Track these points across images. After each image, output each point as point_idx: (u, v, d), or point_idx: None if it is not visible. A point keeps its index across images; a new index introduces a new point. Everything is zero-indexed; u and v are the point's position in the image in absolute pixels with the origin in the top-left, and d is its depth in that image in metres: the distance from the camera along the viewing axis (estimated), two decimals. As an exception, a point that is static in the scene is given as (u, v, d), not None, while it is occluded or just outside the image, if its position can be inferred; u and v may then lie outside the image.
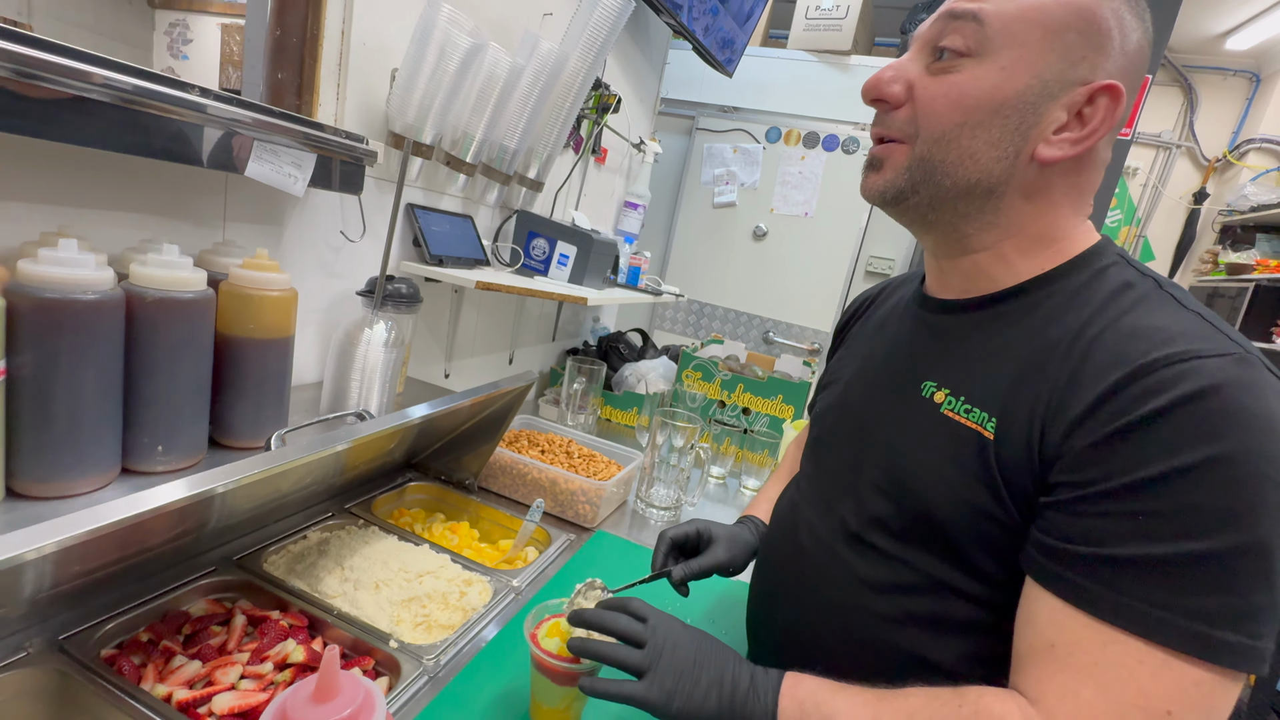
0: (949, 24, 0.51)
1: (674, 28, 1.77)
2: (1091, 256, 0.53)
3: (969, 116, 0.50)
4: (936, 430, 0.54)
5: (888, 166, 0.55)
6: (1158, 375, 0.41)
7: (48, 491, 0.55)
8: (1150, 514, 0.41)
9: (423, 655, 0.68)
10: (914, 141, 0.53)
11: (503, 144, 1.19)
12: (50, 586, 0.60)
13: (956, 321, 0.58)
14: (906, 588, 0.55)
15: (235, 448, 0.71)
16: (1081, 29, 0.48)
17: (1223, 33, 3.23)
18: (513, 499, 1.11)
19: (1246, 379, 0.40)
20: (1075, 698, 0.42)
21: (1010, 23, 0.49)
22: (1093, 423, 0.43)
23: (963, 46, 0.50)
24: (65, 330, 0.52)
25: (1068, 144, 0.49)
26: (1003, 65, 0.49)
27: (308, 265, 0.96)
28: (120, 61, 0.58)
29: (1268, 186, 3.26)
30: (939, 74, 0.52)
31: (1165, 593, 0.40)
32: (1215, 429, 0.39)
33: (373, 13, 0.94)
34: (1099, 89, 0.48)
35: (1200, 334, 0.43)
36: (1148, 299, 0.48)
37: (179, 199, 0.76)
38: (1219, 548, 0.39)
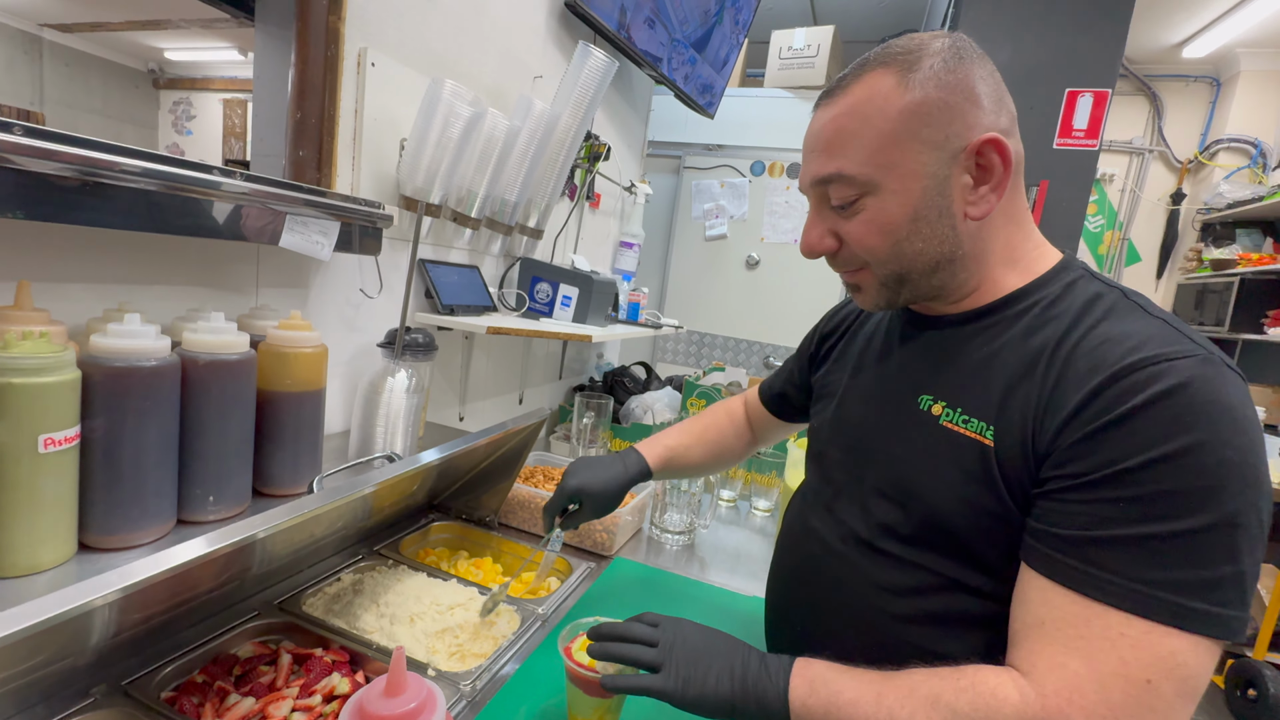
0: (825, 188, 0.58)
1: (655, 78, 1.90)
2: (1060, 271, 0.59)
3: (897, 233, 0.56)
4: (938, 441, 0.58)
5: (866, 289, 0.62)
6: (1132, 378, 0.46)
7: (115, 543, 0.60)
8: (1130, 499, 0.45)
9: (459, 681, 0.72)
10: (871, 266, 0.60)
11: (504, 198, 1.27)
12: (113, 634, 0.64)
13: (945, 336, 0.62)
14: (921, 589, 0.58)
15: (276, 495, 0.76)
16: (925, 119, 0.53)
17: (1179, 43, 3.39)
18: (532, 532, 1.15)
19: (1210, 375, 0.45)
20: (1063, 669, 0.46)
21: (871, 159, 0.55)
22: (1078, 422, 0.48)
23: (851, 195, 0.57)
24: (131, 395, 0.59)
25: (990, 196, 0.55)
26: (893, 189, 0.55)
27: (331, 322, 1.03)
28: (171, 156, 0.66)
29: (1240, 183, 3.36)
30: (851, 217, 0.58)
31: (1142, 568, 0.44)
32: (1185, 421, 0.44)
33: (383, 92, 1.03)
34: (978, 145, 0.53)
35: (1166, 338, 0.48)
36: (1116, 308, 0.53)
37: (218, 270, 0.83)
38: (1190, 526, 0.43)
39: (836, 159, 0.56)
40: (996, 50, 2.30)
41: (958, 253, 0.57)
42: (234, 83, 4.82)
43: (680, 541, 1.23)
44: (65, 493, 0.56)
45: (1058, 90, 2.27)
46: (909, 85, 0.53)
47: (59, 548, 0.57)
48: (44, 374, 0.52)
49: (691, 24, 1.87)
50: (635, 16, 1.61)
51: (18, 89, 4.48)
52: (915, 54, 0.54)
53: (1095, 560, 0.46)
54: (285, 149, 0.95)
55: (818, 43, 2.67)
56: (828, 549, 0.67)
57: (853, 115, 0.55)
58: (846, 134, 0.56)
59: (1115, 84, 2.27)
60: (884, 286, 0.60)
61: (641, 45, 1.67)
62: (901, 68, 0.54)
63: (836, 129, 0.56)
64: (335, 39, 0.93)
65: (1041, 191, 2.33)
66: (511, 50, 1.37)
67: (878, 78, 0.55)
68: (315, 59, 0.92)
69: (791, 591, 0.72)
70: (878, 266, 0.59)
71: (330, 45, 0.93)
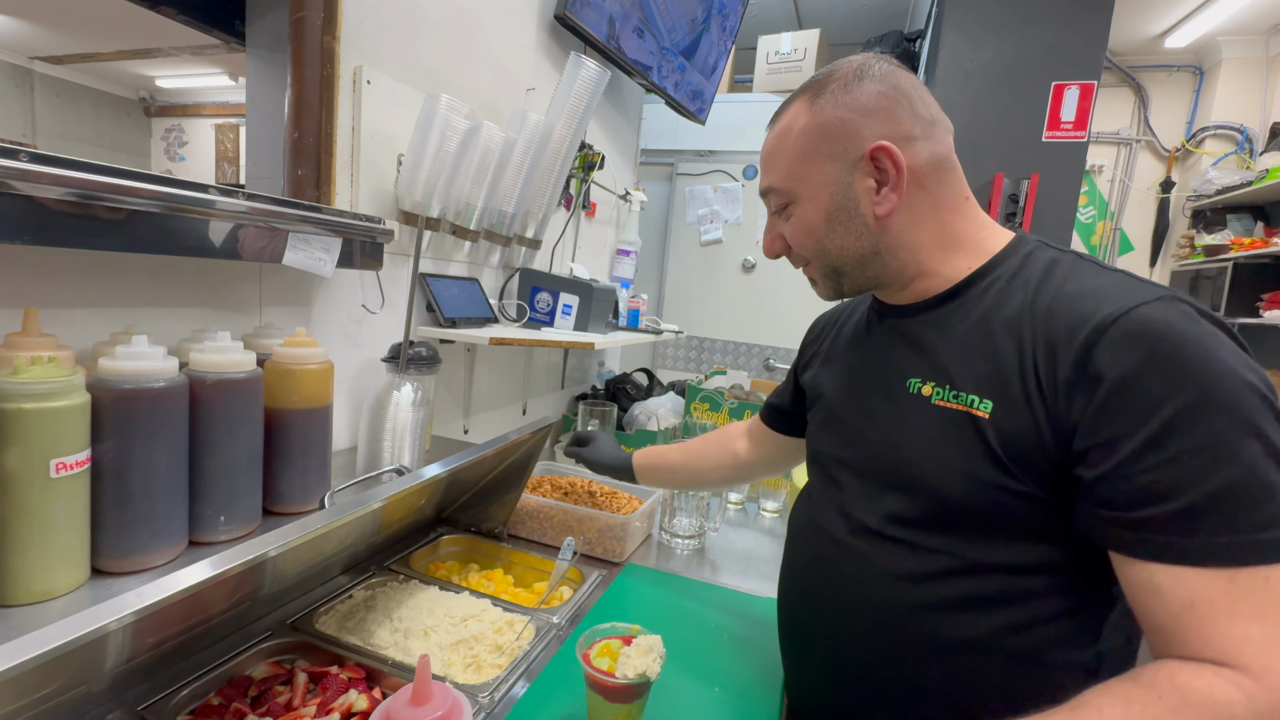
0: (765, 198, 0.70)
1: (646, 87, 1.91)
2: (1016, 245, 0.63)
3: (818, 231, 0.65)
4: (932, 420, 0.60)
5: (817, 280, 0.71)
6: (1116, 328, 0.49)
7: (128, 567, 0.60)
8: (1189, 451, 0.46)
9: (477, 693, 0.71)
10: (812, 263, 0.69)
11: (502, 209, 1.28)
12: (129, 658, 0.64)
13: (920, 322, 0.65)
14: (937, 574, 0.59)
15: (287, 513, 0.76)
16: (826, 136, 0.62)
17: (1160, 33, 3.43)
18: (542, 542, 1.14)
19: (1178, 311, 0.49)
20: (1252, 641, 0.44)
21: (789, 173, 0.65)
22: (1086, 386, 0.50)
23: (782, 203, 0.68)
24: (141, 416, 0.59)
25: (891, 196, 0.62)
26: (808, 196, 0.65)
27: (335, 339, 1.03)
28: (174, 178, 0.66)
29: (1229, 169, 3.39)
30: (786, 220, 0.68)
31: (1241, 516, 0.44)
32: (1185, 366, 0.47)
33: (379, 109, 1.04)
34: (869, 153, 0.61)
35: (1128, 288, 0.52)
36: (1075, 269, 0.58)
37: (221, 291, 0.83)
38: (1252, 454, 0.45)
39: (768, 175, 0.68)
40: (981, 47, 2.33)
41: (880, 245, 0.64)
42: (225, 108, 4.86)
43: (690, 546, 1.23)
44: (77, 517, 0.56)
45: (1044, 84, 2.29)
46: (812, 110, 0.63)
47: (72, 573, 0.56)
48: (54, 398, 0.52)
49: (680, 32, 1.89)
50: (624, 26, 1.62)
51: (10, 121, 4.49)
52: (823, 82, 0.64)
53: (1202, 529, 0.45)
54: (283, 168, 0.96)
55: (804, 46, 2.70)
56: (838, 544, 0.67)
57: (778, 138, 0.67)
58: (773, 154, 0.67)
59: (1100, 76, 2.29)
60: (825, 278, 0.69)
61: (631, 55, 1.69)
62: (811, 95, 0.64)
63: (769, 150, 0.68)
64: (330, 58, 0.94)
65: (1032, 185, 2.35)
66: (504, 64, 1.38)
67: (796, 105, 0.65)
68: (311, 78, 0.93)
69: (805, 592, 0.72)
70: (814, 260, 0.68)
71: (326, 65, 0.94)
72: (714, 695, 0.77)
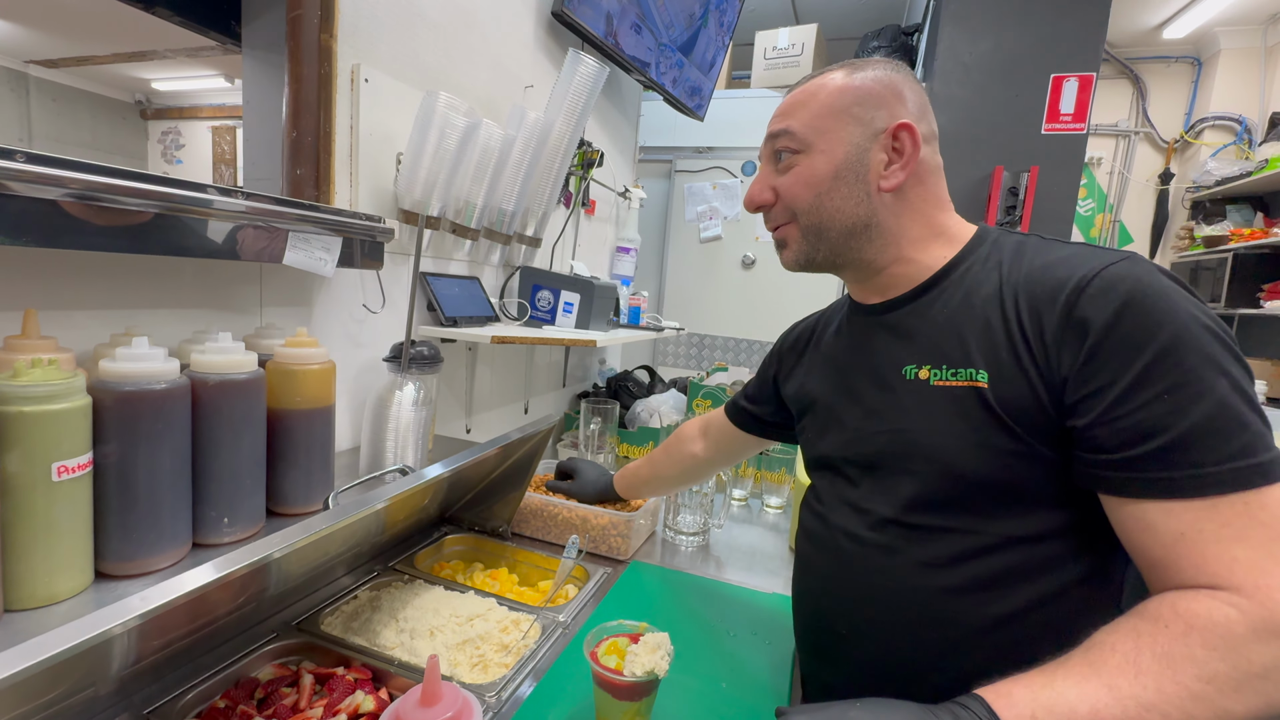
0: (775, 141, 0.69)
1: (644, 83, 1.91)
2: (983, 235, 0.67)
3: (819, 187, 0.66)
4: (936, 401, 0.61)
5: (790, 242, 0.71)
6: (1092, 286, 0.53)
7: (132, 570, 0.60)
8: (1169, 390, 0.49)
9: (484, 693, 0.71)
10: (796, 219, 0.69)
11: (501, 207, 1.28)
12: (134, 661, 0.63)
13: (902, 314, 0.68)
14: (967, 554, 0.59)
15: (290, 514, 0.75)
16: (860, 100, 0.64)
17: (1158, 24, 3.42)
18: (546, 540, 1.14)
19: (1143, 268, 0.53)
20: (1242, 562, 0.46)
21: (811, 122, 0.66)
22: (1072, 341, 0.53)
23: (791, 147, 0.67)
24: (143, 418, 0.58)
25: (899, 172, 0.64)
26: (821, 149, 0.66)
27: (336, 339, 1.03)
28: (173, 178, 0.66)
29: (1228, 160, 3.38)
30: (785, 171, 0.68)
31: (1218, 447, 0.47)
32: (1157, 314, 0.50)
33: (377, 107, 1.03)
34: (896, 129, 0.64)
35: (1093, 254, 0.56)
36: (1042, 246, 0.62)
37: (222, 291, 0.83)
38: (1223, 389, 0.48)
39: (787, 119, 0.68)
40: (979, 40, 2.32)
41: (871, 219, 0.66)
42: (222, 110, 4.84)
43: (695, 542, 1.23)
44: (80, 521, 0.56)
45: (1043, 76, 2.28)
46: (852, 78, 0.66)
47: (76, 577, 0.56)
48: (55, 401, 0.51)
49: (677, 28, 1.89)
50: (622, 23, 1.62)
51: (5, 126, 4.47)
52: (864, 63, 0.67)
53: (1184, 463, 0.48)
54: (282, 168, 0.95)
55: (802, 41, 2.69)
56: (859, 541, 0.66)
57: (805, 91, 0.68)
58: (798, 104, 0.67)
59: (1099, 68, 2.28)
60: (804, 238, 0.69)
61: (629, 51, 1.68)
62: (850, 68, 0.67)
63: (793, 100, 0.68)
64: (328, 56, 0.93)
65: (1032, 178, 2.34)
66: (502, 61, 1.37)
67: (831, 73, 0.67)
68: (309, 77, 0.92)
69: (827, 592, 0.71)
70: (802, 216, 0.68)
71: (323, 63, 0.93)
72: (721, 691, 0.77)
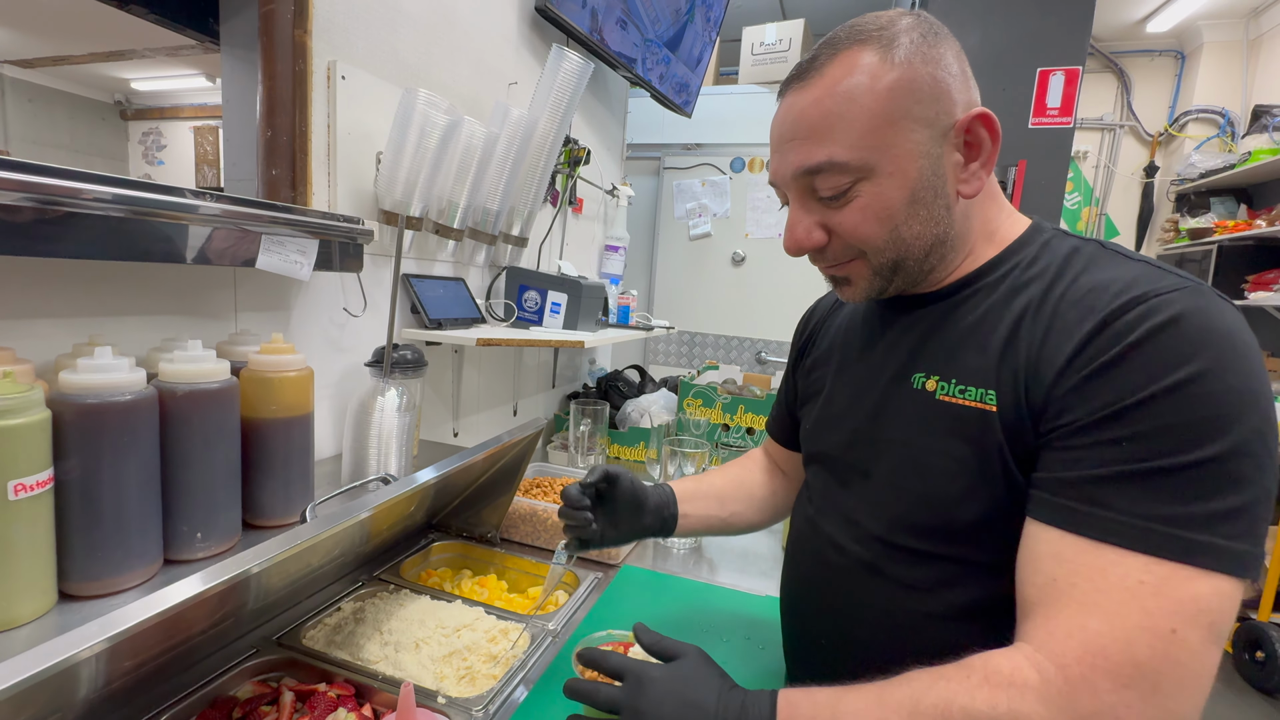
0: (813, 179, 0.54)
1: (631, 79, 1.88)
2: (1033, 233, 0.58)
3: (895, 219, 0.54)
4: (937, 417, 0.56)
5: (857, 279, 0.59)
6: (1125, 318, 0.45)
7: (99, 590, 0.57)
8: (1132, 437, 0.43)
9: (471, 707, 0.69)
10: (865, 257, 0.57)
11: (486, 207, 1.25)
12: (103, 685, 0.61)
13: (927, 313, 0.60)
14: (949, 580, 0.55)
15: (268, 526, 0.73)
16: (918, 95, 0.51)
17: (1142, 18, 3.44)
18: (535, 545, 1.12)
19: (1203, 305, 0.44)
20: (1082, 631, 0.42)
21: (862, 141, 0.52)
22: (1072, 370, 0.47)
23: (844, 184, 0.53)
24: (107, 432, 0.56)
25: (980, 173, 0.55)
26: (889, 171, 0.52)
27: (315, 344, 1.00)
28: (136, 180, 0.63)
29: (1211, 153, 3.41)
30: (844, 206, 0.55)
31: (1151, 504, 0.42)
32: (1184, 352, 0.43)
33: (355, 105, 1.01)
34: (968, 121, 0.53)
35: (1151, 277, 0.47)
36: (1097, 258, 0.52)
37: (193, 297, 0.80)
38: (1197, 458, 0.42)
39: (825, 145, 0.53)
40: (966, 33, 2.31)
41: (950, 233, 0.56)
42: (204, 110, 4.76)
43: (687, 545, 1.21)
44: (40, 540, 0.53)
45: (1029, 70, 2.28)
46: (892, 62, 0.51)
47: (38, 599, 0.53)
48: (10, 416, 0.49)
49: (663, 23, 1.86)
50: (607, 18, 1.59)
51: (-20, 129, 4.36)
52: (889, 30, 0.52)
53: (1101, 500, 0.44)
54: (257, 168, 0.92)
55: (789, 37, 2.68)
56: (843, 552, 0.63)
57: (837, 96, 0.52)
58: (833, 117, 0.52)
59: (1085, 61, 2.29)
60: (877, 276, 0.58)
61: (615, 47, 1.66)
62: (880, 45, 0.52)
63: (821, 113, 0.53)
64: (302, 53, 0.91)
65: (1020, 171, 2.35)
66: (484, 57, 1.35)
67: (856, 55, 0.52)
68: (283, 74, 0.90)
69: (810, 601, 0.69)
70: (874, 255, 0.56)
71: (298, 60, 0.90)
72: (715, 699, 0.76)
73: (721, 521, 0.84)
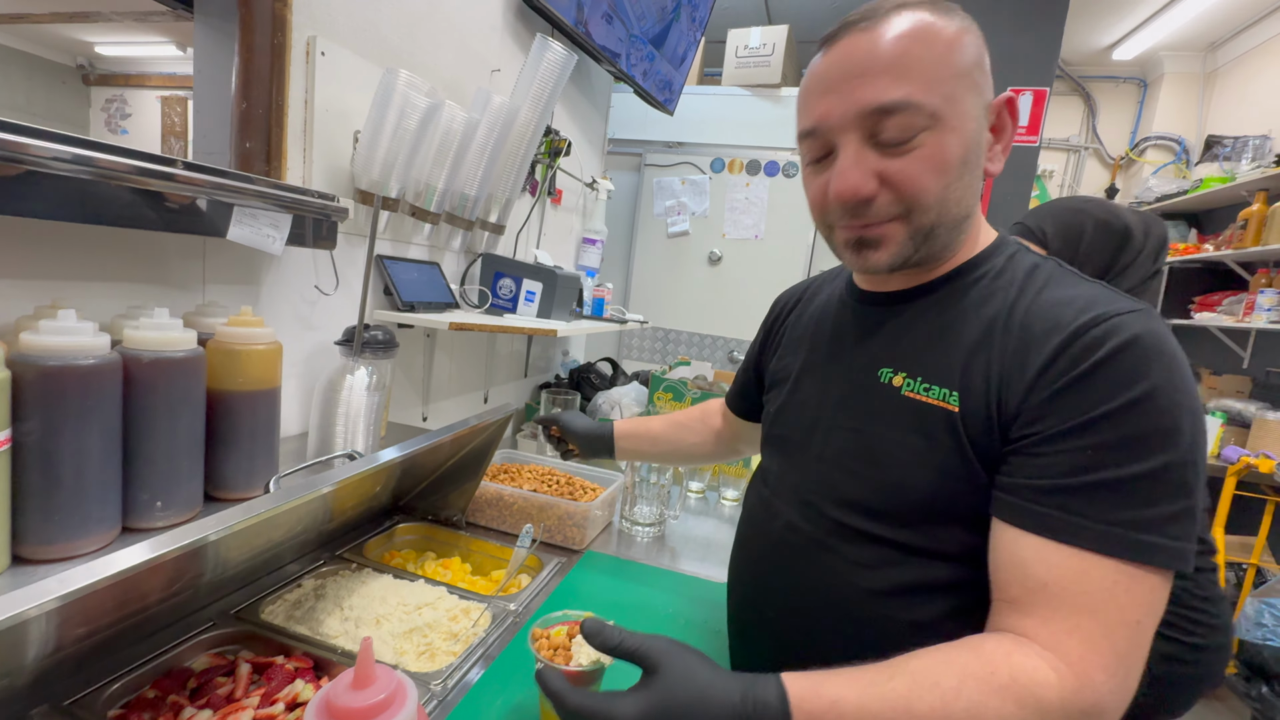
0: (884, 119, 0.52)
1: (615, 74, 1.90)
2: (1001, 245, 0.62)
3: (949, 176, 0.54)
4: (902, 411, 0.59)
5: (888, 243, 0.57)
6: (1091, 334, 0.50)
7: (54, 554, 0.57)
8: (1099, 445, 0.48)
9: (430, 681, 0.70)
10: (908, 217, 0.55)
11: (464, 193, 1.25)
12: (54, 650, 0.60)
13: (898, 311, 0.63)
14: (894, 562, 0.59)
15: (230, 499, 0.73)
16: (977, 61, 0.54)
17: (1109, 45, 3.58)
18: (501, 530, 1.13)
19: (1154, 328, 0.49)
20: (1078, 630, 0.47)
21: (940, 87, 0.52)
22: (1044, 380, 0.51)
23: (915, 128, 0.52)
24: (68, 395, 0.55)
25: (1000, 155, 0.58)
26: (953, 125, 0.52)
27: (285, 320, 0.99)
28: (105, 143, 0.62)
29: (1167, 178, 3.57)
30: (904, 154, 0.53)
31: (1116, 510, 0.47)
32: (1141, 370, 0.48)
33: (334, 82, 1.00)
34: (1001, 102, 0.56)
35: (1107, 299, 0.52)
36: (1055, 276, 0.57)
37: (161, 266, 0.79)
38: (1155, 466, 0.47)
39: (905, 82, 0.51)
40: (943, 50, 2.39)
41: (975, 211, 0.58)
42: (172, 79, 4.58)
43: (650, 533, 1.24)
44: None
45: (1000, 89, 2.36)
46: (954, 22, 0.53)
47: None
48: (-32, 374, 0.49)
49: (649, 20, 1.88)
50: (593, 11, 1.60)
51: (-74, 87, 4.14)
52: (942, 3, 0.54)
53: (1074, 508, 0.48)
54: (231, 141, 0.91)
55: (773, 42, 2.71)
56: (796, 530, 0.66)
57: (913, 38, 0.51)
58: (912, 56, 0.51)
59: (1053, 83, 2.38)
60: (910, 240, 0.56)
61: (600, 40, 1.67)
62: (939, 10, 0.53)
63: (900, 49, 0.51)
64: (282, 26, 0.90)
65: (987, 187, 2.43)
66: (468, 43, 1.34)
67: (920, 10, 0.53)
68: (261, 46, 0.89)
69: (760, 577, 0.72)
70: (919, 214, 0.55)
71: (277, 33, 0.90)
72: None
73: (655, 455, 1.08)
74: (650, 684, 0.46)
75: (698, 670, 0.47)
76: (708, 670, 0.48)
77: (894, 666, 0.48)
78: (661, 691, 0.45)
